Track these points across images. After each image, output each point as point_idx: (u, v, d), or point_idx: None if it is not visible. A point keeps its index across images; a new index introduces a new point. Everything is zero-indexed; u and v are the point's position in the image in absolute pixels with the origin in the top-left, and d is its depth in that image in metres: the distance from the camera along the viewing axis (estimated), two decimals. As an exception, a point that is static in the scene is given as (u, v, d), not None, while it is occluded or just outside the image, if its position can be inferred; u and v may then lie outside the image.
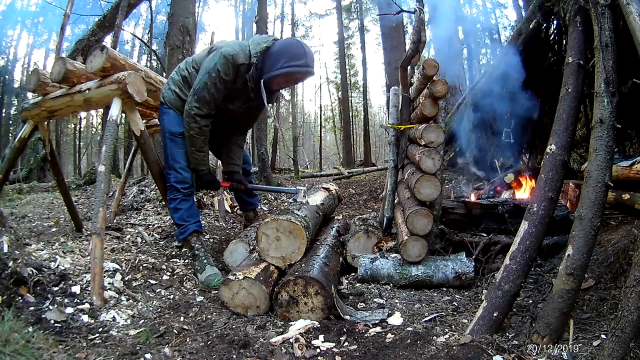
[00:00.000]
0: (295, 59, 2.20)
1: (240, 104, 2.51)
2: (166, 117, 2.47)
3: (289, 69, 2.21)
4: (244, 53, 2.26)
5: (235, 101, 2.47)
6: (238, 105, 2.51)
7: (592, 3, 1.75)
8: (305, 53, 2.23)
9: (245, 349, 1.51)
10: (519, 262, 1.64)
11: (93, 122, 20.57)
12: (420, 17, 2.56)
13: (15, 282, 1.63)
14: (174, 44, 4.74)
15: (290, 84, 2.49)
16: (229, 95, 2.39)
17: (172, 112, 2.45)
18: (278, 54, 2.23)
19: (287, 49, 2.23)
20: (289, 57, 2.20)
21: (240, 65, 2.25)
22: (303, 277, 1.89)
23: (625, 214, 2.54)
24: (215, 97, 2.30)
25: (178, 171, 2.43)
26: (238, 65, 2.25)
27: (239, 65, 2.25)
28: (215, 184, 2.63)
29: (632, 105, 2.70)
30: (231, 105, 2.48)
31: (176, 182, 2.43)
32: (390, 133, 3.23)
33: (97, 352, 1.43)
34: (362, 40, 17.53)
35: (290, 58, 2.20)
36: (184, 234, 2.45)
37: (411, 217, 2.33)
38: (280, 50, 2.24)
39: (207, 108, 2.31)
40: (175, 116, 2.44)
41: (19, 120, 4.33)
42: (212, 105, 2.33)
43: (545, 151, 1.80)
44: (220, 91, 2.29)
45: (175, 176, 2.43)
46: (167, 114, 2.47)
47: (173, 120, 2.44)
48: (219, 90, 2.28)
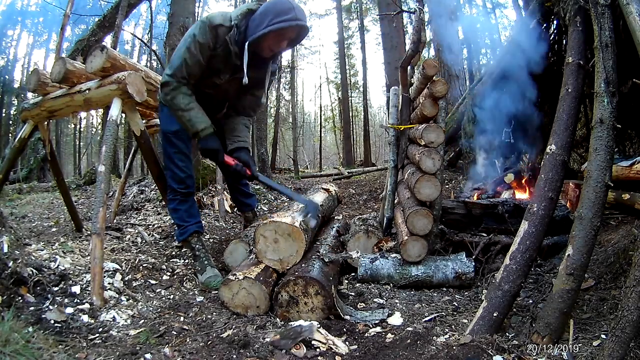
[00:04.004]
0: (282, 14, 1.99)
1: (227, 77, 2.25)
2: (161, 116, 2.41)
3: (275, 25, 1.98)
4: (223, 17, 2.09)
5: (221, 74, 2.23)
6: (226, 78, 2.25)
7: (592, 3, 1.74)
8: (294, 7, 2.02)
9: (245, 349, 1.51)
10: (519, 262, 1.64)
11: (93, 122, 20.61)
12: (420, 17, 2.56)
13: (15, 282, 1.63)
14: (174, 44, 4.72)
15: (283, 46, 2.18)
16: (212, 66, 2.17)
17: (166, 110, 2.32)
18: (262, 13, 2.04)
19: (271, 7, 2.03)
20: (275, 14, 1.99)
21: (218, 27, 2.06)
22: (303, 277, 1.89)
23: (625, 214, 2.54)
24: (189, 63, 2.08)
25: (174, 171, 2.37)
26: (215, 26, 2.05)
27: (216, 26, 2.06)
28: (218, 154, 2.23)
29: (632, 105, 2.70)
30: (217, 79, 2.24)
31: (173, 182, 2.39)
32: (390, 133, 3.23)
33: (97, 352, 1.43)
34: (362, 40, 17.55)
35: (277, 14, 1.99)
36: (184, 234, 2.41)
37: (411, 217, 2.33)
38: (265, 9, 2.05)
39: (179, 73, 2.10)
40: (168, 114, 2.31)
41: (19, 120, 4.33)
42: (185, 71, 2.10)
43: (545, 151, 1.80)
44: (195, 56, 2.08)
45: (172, 176, 2.39)
46: (162, 111, 2.39)
47: (168, 118, 2.33)
48: (194, 55, 2.07)
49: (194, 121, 2.15)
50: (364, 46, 17.43)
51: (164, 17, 11.29)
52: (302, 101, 25.51)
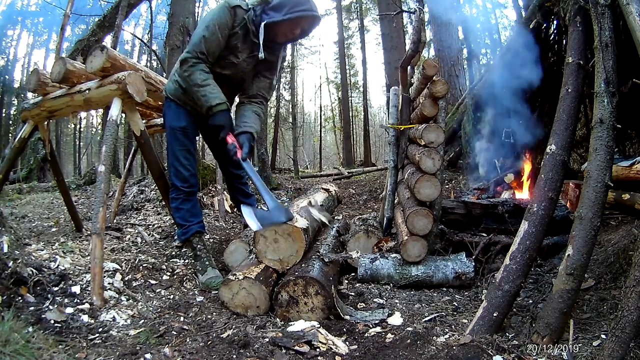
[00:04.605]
0: (300, 5, 2.15)
1: (245, 56, 2.31)
2: (167, 111, 2.40)
3: (294, 14, 2.15)
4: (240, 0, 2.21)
5: (240, 53, 2.29)
6: (244, 58, 2.31)
7: (592, 3, 1.74)
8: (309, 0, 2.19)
9: (245, 349, 1.51)
10: (519, 262, 1.64)
11: (93, 122, 20.64)
12: (420, 17, 2.56)
13: (15, 282, 1.63)
14: (174, 44, 4.74)
15: (297, 34, 2.33)
16: (230, 45, 2.24)
17: (173, 105, 2.36)
18: (279, 3, 2.18)
19: None
20: (294, 4, 2.15)
21: (237, 7, 2.17)
22: (303, 277, 1.89)
23: (625, 214, 2.54)
24: (208, 40, 2.14)
25: (178, 169, 2.36)
26: (234, 6, 2.16)
27: (235, 6, 2.17)
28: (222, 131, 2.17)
29: (632, 105, 2.70)
30: (235, 58, 2.29)
31: (177, 180, 2.37)
32: (390, 133, 3.23)
33: (97, 352, 1.43)
34: (362, 40, 17.55)
35: (295, 4, 2.15)
36: (186, 234, 2.40)
37: (411, 217, 2.33)
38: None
39: (198, 48, 2.14)
40: (176, 109, 2.35)
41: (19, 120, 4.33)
42: (204, 46, 2.15)
43: (545, 151, 1.80)
44: (215, 34, 2.14)
45: (175, 174, 2.37)
46: (168, 107, 2.39)
47: (174, 113, 2.36)
48: (213, 32, 2.14)
49: (209, 96, 2.15)
50: (364, 46, 17.44)
51: (164, 17, 11.31)
52: (302, 101, 25.50)
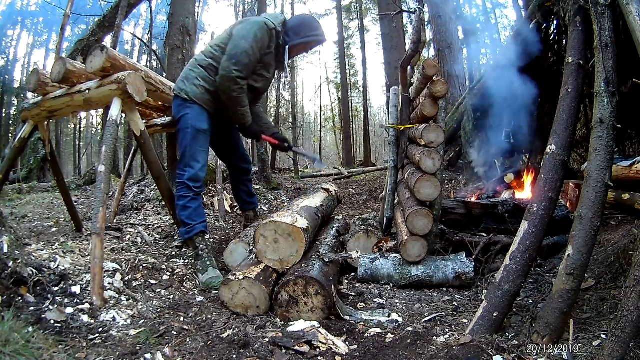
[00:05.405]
0: (314, 30, 2.62)
1: (274, 72, 2.70)
2: (191, 113, 2.46)
3: (310, 38, 2.60)
4: (273, 21, 2.51)
5: (271, 68, 2.63)
6: (272, 74, 2.68)
7: (592, 3, 1.74)
8: (319, 26, 2.67)
9: (245, 349, 1.51)
10: (519, 262, 1.64)
11: (93, 122, 20.63)
12: (420, 17, 2.57)
13: (15, 282, 1.63)
14: (174, 44, 4.73)
15: (306, 51, 2.84)
16: (265, 62, 2.54)
17: (197, 108, 2.46)
18: (298, 26, 2.59)
19: (306, 22, 2.64)
20: (310, 29, 2.60)
21: (273, 29, 2.49)
22: (303, 277, 1.89)
23: (625, 214, 2.54)
24: (251, 60, 2.41)
25: (195, 169, 2.43)
26: (272, 29, 2.48)
27: (272, 29, 2.48)
28: (259, 135, 2.72)
29: (632, 105, 2.70)
30: (267, 73, 2.62)
31: (190, 179, 2.41)
32: (390, 133, 3.23)
33: (97, 352, 1.43)
34: (362, 40, 17.55)
35: (311, 30, 2.61)
36: (190, 233, 2.42)
37: (411, 217, 2.33)
38: (300, 23, 2.63)
39: (246, 71, 2.40)
40: (201, 112, 2.47)
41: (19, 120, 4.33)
42: (249, 69, 2.43)
43: (545, 151, 1.80)
44: (255, 55, 2.42)
45: (191, 174, 2.42)
46: (191, 109, 2.46)
47: (199, 116, 2.47)
48: (255, 54, 2.42)
49: (246, 116, 2.53)
50: (364, 46, 17.44)
51: (164, 17, 11.31)
52: (302, 101, 25.49)
